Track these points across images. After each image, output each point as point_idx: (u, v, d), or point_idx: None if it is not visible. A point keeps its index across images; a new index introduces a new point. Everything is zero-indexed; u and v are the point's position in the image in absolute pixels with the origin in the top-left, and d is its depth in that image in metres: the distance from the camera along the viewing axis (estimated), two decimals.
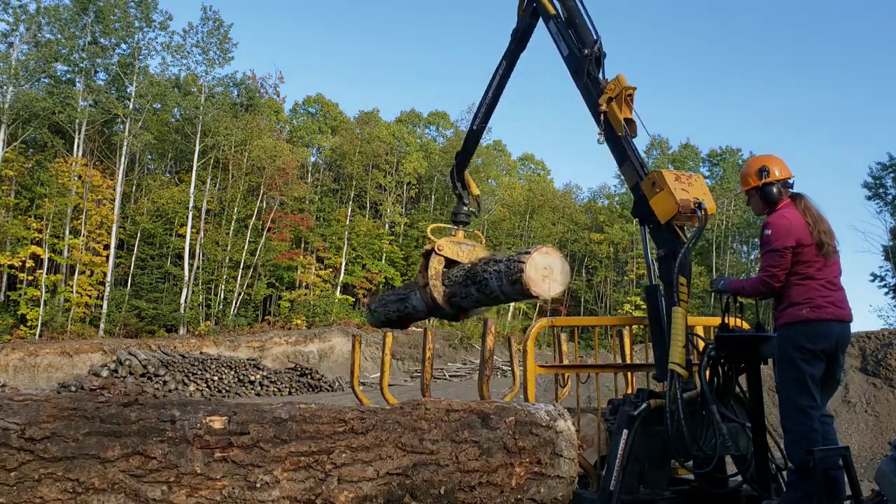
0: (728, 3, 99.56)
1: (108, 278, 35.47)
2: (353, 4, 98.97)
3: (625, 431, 3.90)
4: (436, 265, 5.81)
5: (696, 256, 49.14)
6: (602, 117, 4.76)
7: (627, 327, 6.00)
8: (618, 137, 4.69)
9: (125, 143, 36.58)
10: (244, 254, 40.11)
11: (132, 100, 37.47)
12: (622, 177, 4.92)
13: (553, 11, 5.35)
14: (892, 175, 42.90)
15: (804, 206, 4.15)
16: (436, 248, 5.86)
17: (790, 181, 4.29)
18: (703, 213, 4.17)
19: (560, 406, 3.77)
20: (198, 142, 39.10)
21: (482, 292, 5.46)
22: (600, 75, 4.91)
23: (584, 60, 4.94)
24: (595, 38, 4.98)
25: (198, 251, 38.94)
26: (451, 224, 6.39)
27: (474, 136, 6.44)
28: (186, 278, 37.61)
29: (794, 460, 3.91)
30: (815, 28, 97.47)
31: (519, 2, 5.91)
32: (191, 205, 38.84)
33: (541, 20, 5.55)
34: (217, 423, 2.89)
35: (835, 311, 4.00)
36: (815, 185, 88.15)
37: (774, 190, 4.21)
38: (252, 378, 24.32)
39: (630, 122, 4.68)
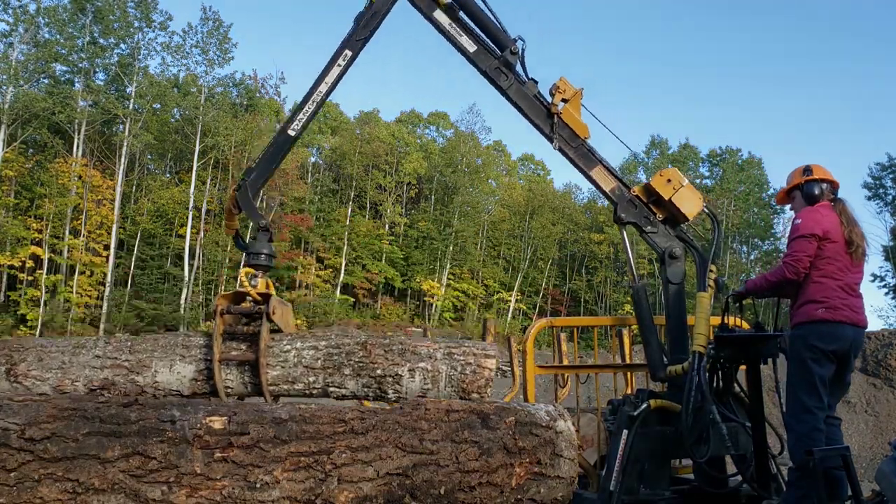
0: (728, 3, 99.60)
1: (108, 278, 35.47)
2: (353, 5, 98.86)
3: (625, 432, 3.91)
4: (265, 337, 3.89)
5: None
6: (556, 120, 4.47)
7: (627, 327, 6.00)
8: (582, 141, 4.52)
9: (125, 144, 36.58)
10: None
11: (132, 100, 37.47)
12: (597, 183, 4.53)
13: (445, 0, 4.58)
14: (891, 175, 42.98)
15: (841, 209, 4.17)
16: (271, 312, 3.97)
17: (835, 188, 4.32)
18: (714, 213, 4.47)
19: (560, 406, 3.77)
20: (198, 142, 39.10)
21: (367, 383, 3.84)
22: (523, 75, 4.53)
23: (513, 59, 4.50)
24: (514, 37, 4.55)
25: (198, 251, 38.95)
26: (252, 265, 4.46)
27: (290, 144, 4.68)
28: (186, 278, 37.62)
29: (796, 460, 3.91)
30: (815, 28, 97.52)
31: None
32: (191, 205, 38.84)
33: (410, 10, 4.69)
34: (217, 423, 2.90)
35: (850, 314, 4.00)
36: None
37: (816, 189, 4.23)
38: None
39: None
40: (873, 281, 42.80)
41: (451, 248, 48.76)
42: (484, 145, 54.96)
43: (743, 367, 4.24)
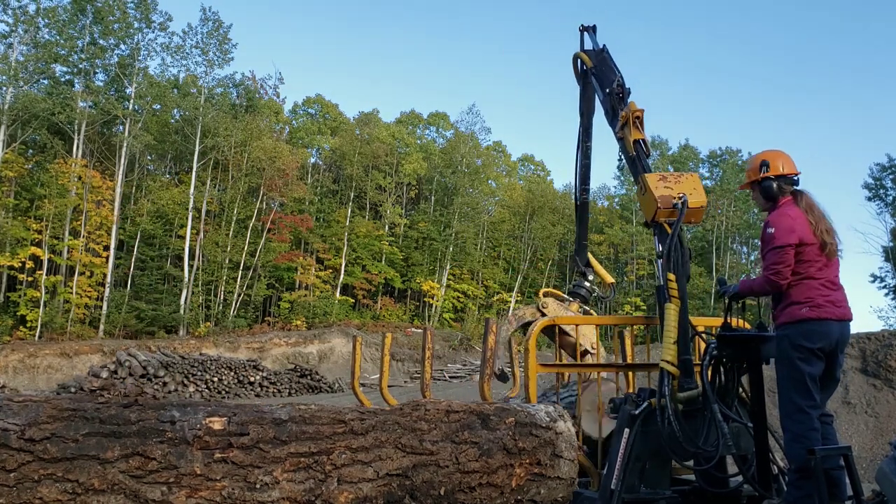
0: (728, 3, 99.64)
1: (108, 279, 35.44)
2: (353, 5, 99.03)
3: (626, 430, 3.90)
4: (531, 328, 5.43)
5: (697, 257, 49.01)
6: (620, 144, 5.07)
7: (628, 327, 5.99)
8: (631, 159, 4.93)
9: (125, 144, 36.55)
10: (244, 255, 40.07)
11: (132, 101, 37.45)
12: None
13: (591, 63, 5.77)
14: (891, 176, 42.97)
15: (806, 204, 4.12)
16: (539, 305, 5.57)
17: (794, 178, 4.24)
18: (682, 205, 4.24)
19: (560, 407, 3.77)
20: (197, 143, 39.07)
21: None
22: (622, 109, 5.14)
23: (607, 99, 5.25)
24: (614, 76, 5.26)
25: (198, 252, 38.90)
26: (567, 296, 6.14)
27: (581, 208, 6.41)
28: (186, 279, 37.58)
29: (793, 460, 3.90)
30: (814, 28, 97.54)
31: (573, 67, 6.22)
32: (190, 206, 38.80)
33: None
34: (217, 424, 2.89)
35: (834, 310, 3.99)
36: (815, 185, 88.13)
37: (774, 186, 4.19)
38: (252, 379, 24.31)
39: (643, 143, 4.93)
40: (873, 281, 42.87)
41: (450, 248, 48.70)
42: (484, 146, 54.94)
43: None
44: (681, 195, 4.28)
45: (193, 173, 39.12)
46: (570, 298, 5.90)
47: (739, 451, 4.13)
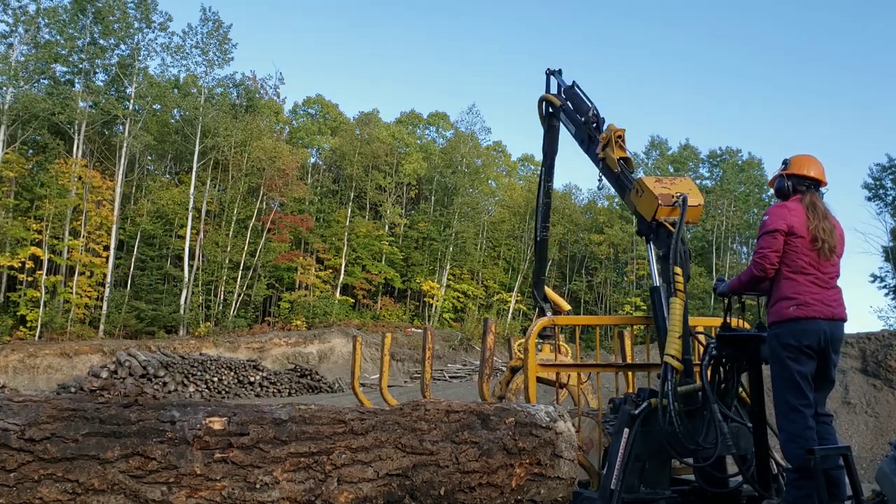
0: (728, 3, 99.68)
1: (108, 279, 35.43)
2: (353, 5, 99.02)
3: (626, 430, 3.90)
4: (519, 384, 5.94)
5: (697, 257, 49.00)
6: (601, 164, 5.17)
7: (628, 328, 6.01)
8: (615, 175, 5.09)
9: (125, 144, 36.55)
10: (244, 255, 40.06)
11: (132, 101, 37.46)
12: (627, 208, 5.24)
13: (559, 102, 6.08)
14: (891, 176, 42.95)
15: (809, 202, 4.10)
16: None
17: (818, 185, 4.21)
18: (683, 202, 4.31)
19: (560, 407, 3.77)
20: (197, 143, 39.06)
21: None
22: (599, 136, 5.36)
23: (583, 128, 5.48)
24: (588, 106, 5.60)
25: (198, 252, 38.89)
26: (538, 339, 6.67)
27: (540, 245, 6.78)
28: (186, 279, 37.57)
29: (791, 460, 3.89)
30: (814, 28, 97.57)
31: (538, 110, 6.58)
32: (190, 206, 38.80)
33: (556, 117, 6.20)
34: (217, 424, 2.89)
35: (823, 308, 3.96)
36: None
37: (786, 184, 4.21)
38: (252, 379, 24.32)
39: (626, 160, 5.14)
40: (873, 281, 42.85)
41: (450, 248, 48.70)
42: (484, 146, 54.94)
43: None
44: (679, 194, 4.35)
45: (193, 173, 39.11)
46: (541, 341, 6.35)
47: (739, 450, 4.13)
